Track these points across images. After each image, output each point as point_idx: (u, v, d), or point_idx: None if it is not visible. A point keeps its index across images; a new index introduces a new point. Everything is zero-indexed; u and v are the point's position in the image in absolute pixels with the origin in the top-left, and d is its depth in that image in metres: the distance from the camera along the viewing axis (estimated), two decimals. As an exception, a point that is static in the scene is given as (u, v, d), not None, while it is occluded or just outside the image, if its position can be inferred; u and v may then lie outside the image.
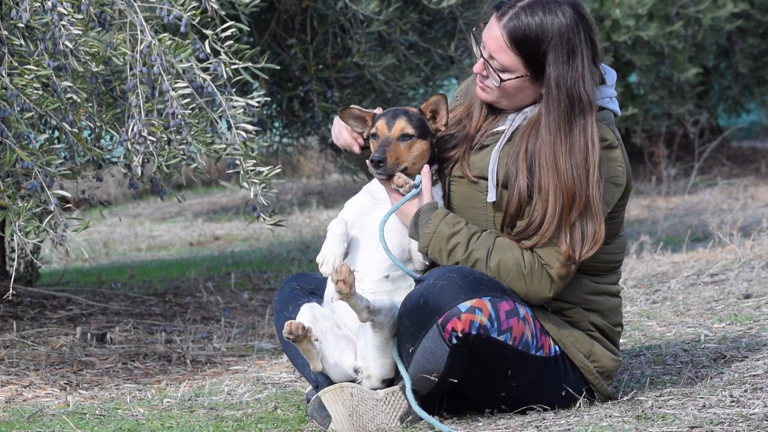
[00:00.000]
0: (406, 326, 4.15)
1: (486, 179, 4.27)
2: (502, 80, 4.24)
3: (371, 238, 4.28)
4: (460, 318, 4.08)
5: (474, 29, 4.35)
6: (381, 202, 4.34)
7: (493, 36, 4.23)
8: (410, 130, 4.28)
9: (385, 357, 4.24)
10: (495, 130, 4.34)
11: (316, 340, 4.22)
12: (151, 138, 5.13)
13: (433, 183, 4.32)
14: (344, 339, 4.29)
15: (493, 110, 4.38)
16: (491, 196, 4.24)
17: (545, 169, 4.15)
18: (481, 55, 4.28)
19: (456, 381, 4.16)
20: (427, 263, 4.30)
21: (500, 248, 4.20)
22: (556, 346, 4.25)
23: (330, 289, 4.30)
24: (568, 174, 4.13)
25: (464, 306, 4.08)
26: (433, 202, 4.27)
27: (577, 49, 4.18)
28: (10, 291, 5.06)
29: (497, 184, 4.24)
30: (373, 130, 4.31)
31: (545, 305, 4.25)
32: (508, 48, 4.21)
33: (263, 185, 5.16)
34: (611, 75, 4.34)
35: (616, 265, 4.37)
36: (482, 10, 4.48)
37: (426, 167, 4.30)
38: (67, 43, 4.98)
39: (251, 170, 5.16)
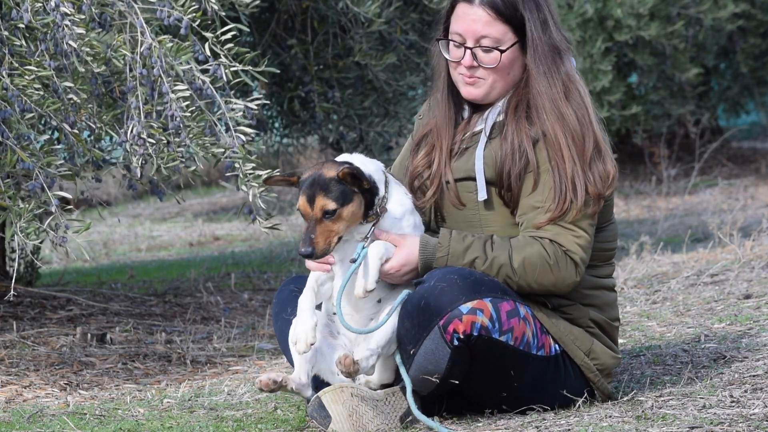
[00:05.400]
0: (407, 328, 4.15)
1: (473, 179, 4.27)
2: (502, 52, 4.26)
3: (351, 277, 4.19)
4: (462, 319, 4.08)
5: (438, 40, 4.36)
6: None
7: (476, 18, 4.27)
8: (332, 206, 4.10)
9: (384, 366, 4.25)
10: (472, 131, 4.35)
11: (292, 390, 4.21)
12: (150, 140, 5.13)
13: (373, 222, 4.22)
14: (339, 348, 4.26)
15: (466, 117, 4.39)
16: (482, 195, 4.25)
17: (549, 121, 4.21)
18: (465, 50, 4.28)
19: (457, 382, 4.16)
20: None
21: (519, 247, 4.19)
22: (557, 345, 4.26)
23: (328, 304, 4.30)
24: (573, 118, 4.21)
25: (465, 307, 4.09)
26: (423, 236, 4.24)
27: (541, 1, 4.31)
28: (11, 292, 5.06)
29: (496, 185, 4.26)
30: (298, 209, 4.16)
31: (545, 302, 4.25)
32: (496, 20, 4.26)
33: (262, 188, 5.16)
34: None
35: (611, 254, 4.38)
36: (434, 21, 4.52)
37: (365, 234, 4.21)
38: (71, 42, 4.98)
39: (250, 173, 5.16)
